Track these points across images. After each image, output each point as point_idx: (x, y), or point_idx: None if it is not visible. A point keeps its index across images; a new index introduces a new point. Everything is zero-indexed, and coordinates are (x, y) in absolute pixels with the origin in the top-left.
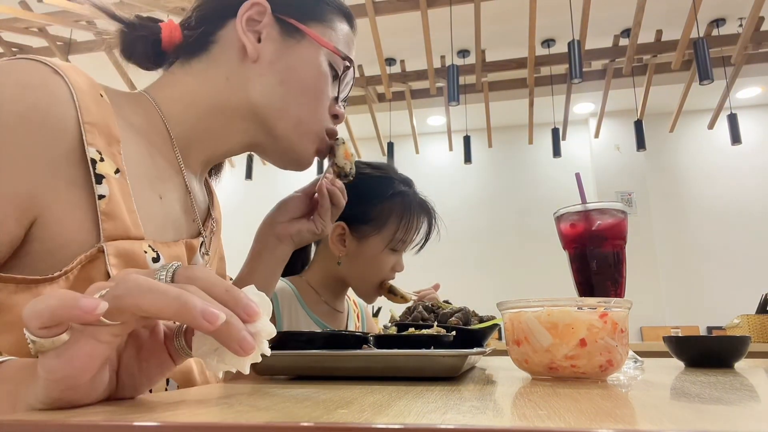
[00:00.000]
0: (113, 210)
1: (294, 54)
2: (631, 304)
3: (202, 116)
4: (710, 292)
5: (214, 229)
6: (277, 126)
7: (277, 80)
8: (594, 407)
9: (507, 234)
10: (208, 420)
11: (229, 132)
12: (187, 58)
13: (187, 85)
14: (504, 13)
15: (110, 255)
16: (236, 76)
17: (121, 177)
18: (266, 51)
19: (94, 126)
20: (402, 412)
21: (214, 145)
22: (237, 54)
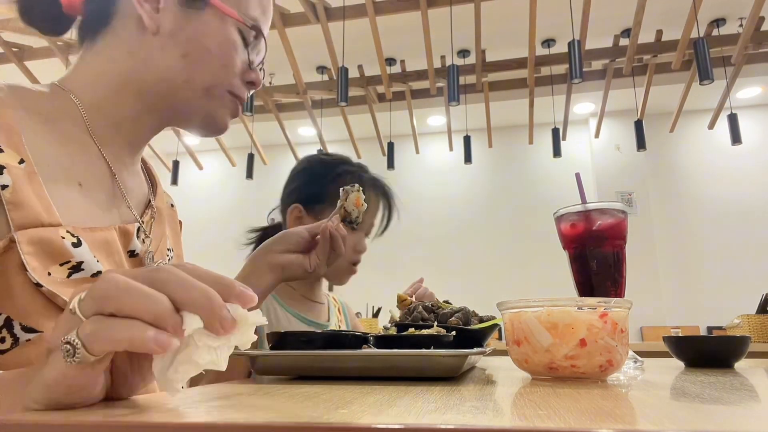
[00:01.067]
0: (20, 199)
1: (196, 24)
2: (631, 304)
3: (113, 97)
4: (710, 292)
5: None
6: (184, 99)
7: (179, 53)
8: (594, 407)
9: (507, 234)
10: (208, 420)
11: (143, 109)
12: (92, 36)
13: (92, 65)
14: (504, 13)
15: (22, 243)
16: (137, 49)
17: (27, 166)
18: (165, 22)
19: None
20: (402, 412)
21: (134, 125)
22: (136, 27)
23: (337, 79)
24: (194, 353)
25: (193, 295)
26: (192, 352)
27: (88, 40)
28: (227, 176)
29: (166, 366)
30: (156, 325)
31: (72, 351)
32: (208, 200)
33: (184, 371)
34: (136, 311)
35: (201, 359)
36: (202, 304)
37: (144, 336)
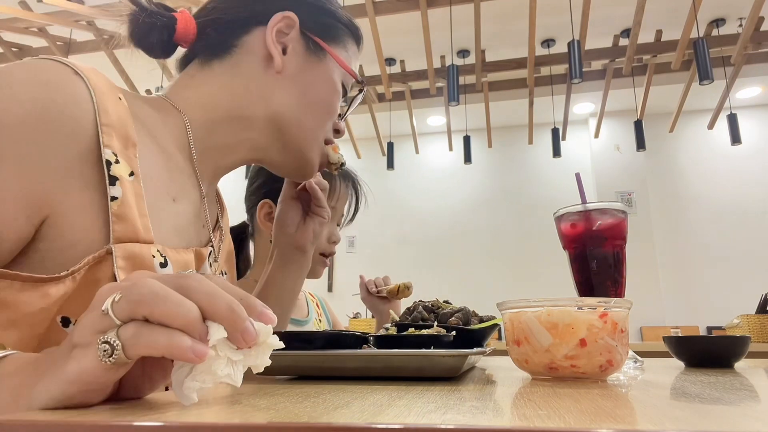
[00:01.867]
0: (125, 212)
1: (316, 71)
2: (631, 304)
3: (220, 122)
4: (710, 292)
5: (223, 237)
6: (291, 136)
7: (298, 93)
8: (594, 407)
9: (507, 234)
10: (208, 420)
11: (244, 140)
12: (207, 59)
13: (207, 88)
14: (504, 13)
15: (118, 257)
16: (258, 84)
17: (135, 180)
18: (291, 64)
19: (111, 128)
20: (402, 412)
21: (228, 153)
22: (260, 63)
23: None
24: (214, 364)
25: (219, 305)
26: (212, 362)
27: (200, 62)
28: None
29: (184, 375)
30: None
31: (110, 351)
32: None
33: (202, 381)
34: (167, 318)
35: (220, 371)
36: (226, 315)
37: (182, 345)
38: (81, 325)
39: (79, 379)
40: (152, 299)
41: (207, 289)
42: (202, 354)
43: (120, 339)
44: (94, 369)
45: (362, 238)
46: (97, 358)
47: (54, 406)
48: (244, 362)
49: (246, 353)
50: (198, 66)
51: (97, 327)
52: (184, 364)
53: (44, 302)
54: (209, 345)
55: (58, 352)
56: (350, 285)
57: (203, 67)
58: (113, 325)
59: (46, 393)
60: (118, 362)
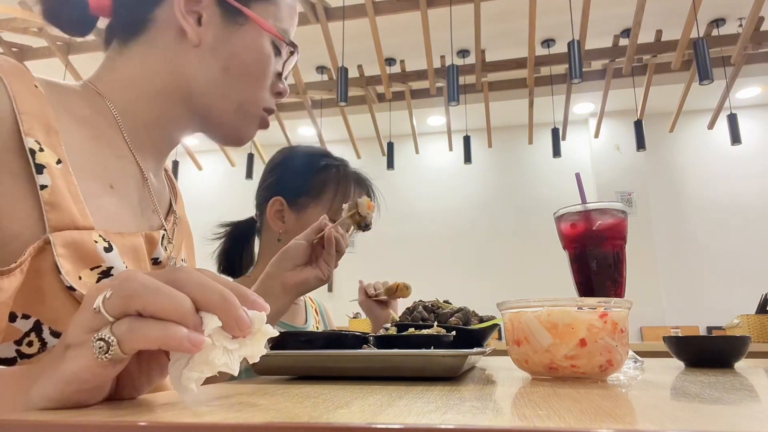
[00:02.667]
0: (57, 200)
1: (237, 39)
2: (631, 304)
3: (146, 102)
4: (710, 292)
5: (177, 222)
6: (217, 110)
7: (219, 66)
8: (594, 407)
9: (507, 234)
10: (208, 420)
11: (174, 118)
12: (124, 39)
13: (127, 70)
14: (504, 13)
15: (57, 245)
16: (175, 59)
17: (63, 167)
18: (207, 35)
19: (30, 116)
20: (402, 412)
21: (163, 132)
22: (175, 36)
23: (337, 79)
24: (211, 353)
25: (211, 295)
26: (209, 352)
27: (118, 43)
28: (227, 176)
29: (181, 367)
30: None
31: (106, 348)
32: (208, 201)
33: (200, 371)
34: (160, 310)
35: (218, 360)
36: (220, 304)
37: (178, 335)
38: (73, 326)
39: (75, 378)
40: (144, 293)
41: (198, 280)
42: (199, 343)
43: (115, 335)
44: (90, 367)
45: (362, 238)
46: (92, 356)
47: (51, 407)
48: (240, 351)
49: (241, 342)
50: (117, 47)
51: (90, 325)
52: (181, 357)
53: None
54: (204, 335)
55: (52, 354)
56: (350, 285)
57: (122, 49)
58: (106, 323)
59: (43, 395)
60: (114, 358)
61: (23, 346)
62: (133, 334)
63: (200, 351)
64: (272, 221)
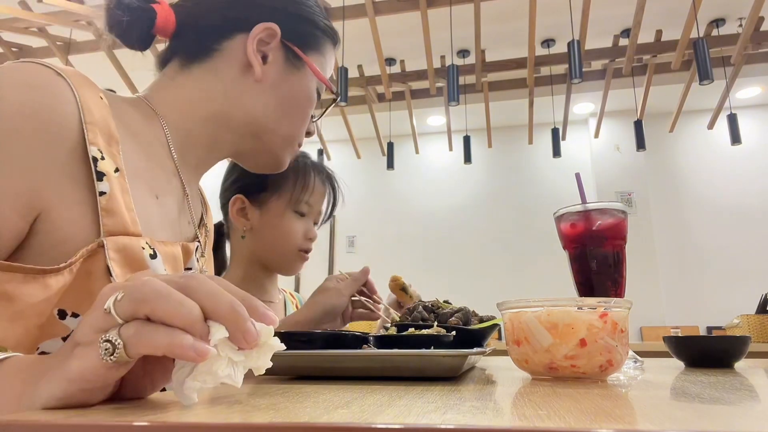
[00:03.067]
0: (113, 207)
1: (293, 80)
2: (631, 304)
3: (197, 124)
4: (710, 292)
5: (208, 234)
6: (267, 141)
7: (276, 102)
8: (594, 407)
9: (507, 234)
10: (208, 420)
11: (222, 141)
12: (186, 61)
13: (185, 91)
14: (504, 13)
15: (110, 249)
16: (237, 90)
17: (120, 176)
18: (270, 73)
19: (95, 126)
20: (402, 412)
21: (207, 152)
22: (240, 69)
23: (337, 79)
24: (215, 363)
25: (221, 305)
26: (213, 362)
27: (179, 63)
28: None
29: (185, 374)
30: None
31: (111, 349)
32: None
33: (203, 381)
34: (169, 317)
35: (221, 371)
36: (228, 315)
37: (184, 344)
38: (83, 324)
39: (80, 378)
40: (154, 298)
41: (209, 288)
42: (204, 353)
43: (121, 337)
44: (96, 367)
45: (362, 238)
46: (98, 357)
47: (55, 405)
48: (245, 363)
49: (247, 354)
50: (177, 68)
51: (99, 326)
52: (185, 364)
53: (45, 294)
54: (210, 345)
55: (61, 351)
56: None
57: (182, 70)
58: (115, 324)
59: (48, 392)
60: (119, 361)
61: None
62: (140, 338)
63: (205, 361)
64: (236, 219)
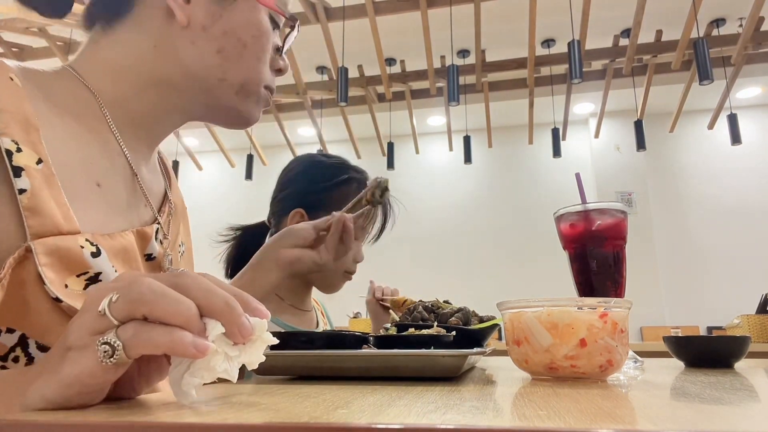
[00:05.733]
0: (38, 205)
1: (230, 16)
2: (631, 304)
3: (134, 91)
4: (710, 292)
5: (173, 212)
6: (220, 94)
7: (213, 48)
8: (594, 407)
9: (507, 234)
10: (208, 420)
11: (168, 106)
12: (108, 21)
13: (113, 55)
14: (504, 13)
15: (39, 254)
16: (165, 42)
17: (44, 167)
18: (197, 14)
19: (6, 113)
20: (402, 412)
21: (155, 122)
22: (163, 17)
23: (337, 79)
24: (213, 359)
25: (215, 301)
26: (210, 358)
27: (102, 25)
28: (227, 177)
29: (182, 371)
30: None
31: (111, 352)
32: (208, 201)
33: (201, 377)
34: (167, 316)
35: (218, 366)
36: (223, 311)
37: (184, 341)
38: (75, 327)
39: (77, 381)
40: (152, 298)
41: (202, 285)
42: (205, 349)
43: (120, 339)
44: (94, 370)
45: None
46: (96, 360)
47: (48, 408)
48: (239, 358)
49: (242, 349)
50: (100, 30)
51: (93, 328)
52: (182, 362)
53: None
54: (209, 341)
55: (50, 356)
56: (350, 285)
57: (106, 31)
58: (111, 326)
59: (41, 396)
60: (118, 363)
61: (8, 362)
62: (139, 339)
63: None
64: None
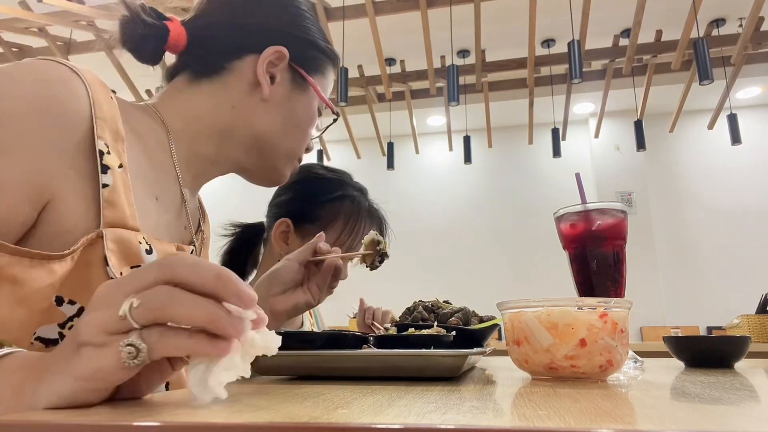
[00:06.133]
0: (114, 199)
1: (298, 100)
2: (631, 304)
3: (202, 135)
4: (710, 292)
5: (204, 242)
6: (269, 156)
7: (280, 120)
8: (594, 407)
9: (507, 234)
10: (208, 420)
11: (225, 154)
12: (196, 76)
13: (192, 103)
14: (504, 13)
15: (108, 240)
16: (243, 106)
17: (123, 171)
18: (277, 93)
19: (104, 121)
20: (402, 412)
21: (209, 164)
22: (248, 87)
23: (337, 79)
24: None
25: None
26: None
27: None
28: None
29: (201, 371)
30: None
31: (135, 353)
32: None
33: (226, 377)
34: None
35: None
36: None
37: (204, 342)
38: (89, 325)
39: (92, 378)
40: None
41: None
42: (226, 349)
43: (145, 342)
44: (114, 369)
45: None
46: (117, 359)
47: (60, 403)
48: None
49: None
50: (186, 81)
51: (111, 328)
52: (202, 360)
53: (50, 279)
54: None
55: (62, 350)
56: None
57: (191, 83)
58: (131, 329)
59: (53, 391)
60: (142, 364)
61: (66, 330)
62: (164, 343)
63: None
64: (276, 242)
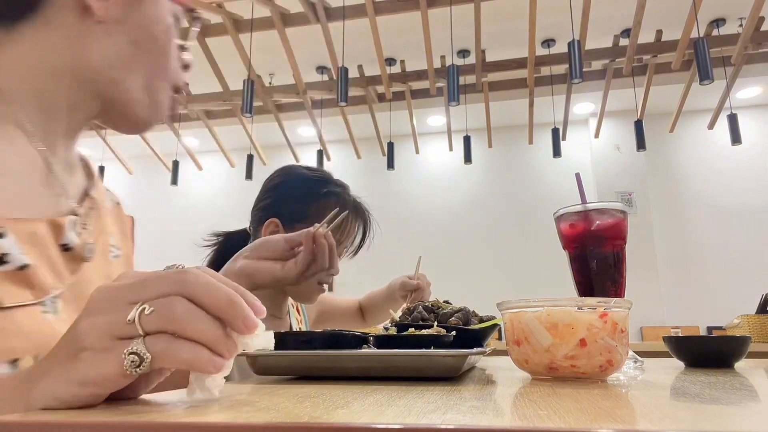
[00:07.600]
0: None
1: (142, 10)
2: (631, 304)
3: (47, 86)
4: (710, 292)
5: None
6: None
7: (126, 41)
8: (594, 407)
9: (507, 234)
10: (209, 420)
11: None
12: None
13: (17, 52)
14: (504, 13)
15: None
16: (77, 37)
17: None
18: (113, 9)
19: None
20: (402, 412)
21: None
22: (76, 12)
23: (337, 79)
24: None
25: (218, 297)
26: None
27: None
28: (227, 177)
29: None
30: (212, 348)
31: (138, 362)
32: (208, 201)
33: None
34: (198, 336)
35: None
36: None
37: (204, 359)
38: (91, 329)
39: (94, 383)
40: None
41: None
42: (221, 366)
43: (149, 351)
44: (116, 375)
45: None
46: (119, 366)
47: (58, 406)
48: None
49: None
50: (4, 32)
51: (115, 333)
52: None
53: None
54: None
55: (59, 353)
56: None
57: (9, 33)
58: (135, 334)
59: (51, 394)
60: (143, 372)
61: None
62: (167, 354)
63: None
64: None
